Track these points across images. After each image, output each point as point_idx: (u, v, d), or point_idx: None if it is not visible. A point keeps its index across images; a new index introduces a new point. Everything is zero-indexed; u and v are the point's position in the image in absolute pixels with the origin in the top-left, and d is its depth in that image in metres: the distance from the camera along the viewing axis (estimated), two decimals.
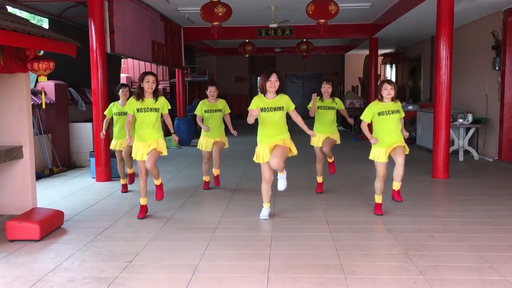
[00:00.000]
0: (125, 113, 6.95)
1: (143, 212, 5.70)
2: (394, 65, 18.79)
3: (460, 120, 10.06)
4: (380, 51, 16.45)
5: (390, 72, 19.82)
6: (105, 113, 7.18)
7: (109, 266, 4.18)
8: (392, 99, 5.46)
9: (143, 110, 5.43)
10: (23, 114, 5.59)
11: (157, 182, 5.78)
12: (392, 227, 5.25)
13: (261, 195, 5.58)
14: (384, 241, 4.80)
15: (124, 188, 7.20)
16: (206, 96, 7.11)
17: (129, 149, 6.96)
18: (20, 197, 5.62)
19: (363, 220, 5.55)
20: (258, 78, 28.65)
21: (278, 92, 5.33)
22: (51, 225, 5.18)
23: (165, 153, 5.64)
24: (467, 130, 10.19)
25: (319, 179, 6.92)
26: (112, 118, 7.10)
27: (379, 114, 5.44)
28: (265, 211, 5.60)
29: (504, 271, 3.95)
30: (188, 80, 15.88)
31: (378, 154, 5.48)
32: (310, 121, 6.13)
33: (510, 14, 9.19)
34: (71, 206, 6.29)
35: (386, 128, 5.46)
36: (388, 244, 4.71)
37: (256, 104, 5.28)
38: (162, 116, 5.71)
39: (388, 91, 5.40)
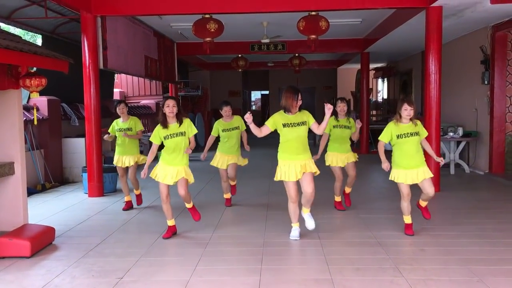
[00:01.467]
0: (125, 129, 6.90)
1: (170, 232, 5.56)
2: (385, 79, 18.97)
3: (451, 134, 10.16)
4: (372, 65, 16.61)
5: (382, 86, 20.00)
6: (109, 130, 7.14)
7: (99, 283, 4.17)
8: (411, 119, 5.38)
9: (169, 136, 5.35)
10: (15, 130, 5.59)
11: (189, 205, 5.75)
12: (383, 241, 5.27)
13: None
14: (375, 255, 4.82)
15: (127, 205, 7.02)
16: (198, 111, 7.11)
17: (133, 170, 6.99)
18: (11, 214, 5.59)
19: (354, 234, 5.58)
20: (252, 92, 28.85)
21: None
22: (42, 241, 5.16)
23: (191, 180, 5.51)
24: (458, 143, 10.29)
25: (337, 198, 6.85)
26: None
27: (398, 137, 5.33)
28: (295, 232, 5.40)
29: (493, 285, 3.98)
30: (181, 95, 15.94)
31: (398, 176, 5.37)
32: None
33: (498, 29, 9.35)
34: (62, 222, 6.28)
35: (406, 151, 5.34)
36: (379, 258, 4.73)
37: (275, 120, 5.20)
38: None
39: (408, 112, 5.30)
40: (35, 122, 7.03)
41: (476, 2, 7.64)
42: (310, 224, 5.39)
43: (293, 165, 5.17)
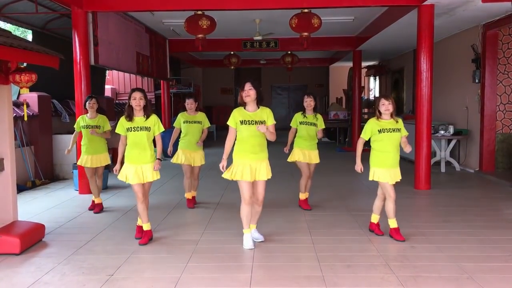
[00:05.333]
0: (93, 127, 6.64)
1: (147, 238, 5.21)
2: (377, 77, 19.03)
3: (442, 132, 10.22)
4: (364, 64, 16.66)
5: (373, 84, 20.07)
6: (74, 126, 6.84)
7: (90, 280, 4.15)
8: (392, 116, 5.17)
9: (132, 129, 5.13)
10: (5, 126, 5.53)
11: (144, 224, 5.30)
12: (374, 238, 5.29)
13: (241, 218, 5.05)
14: (365, 252, 4.83)
15: (94, 207, 6.72)
16: None
17: (90, 172, 6.66)
18: (0, 210, 5.54)
19: (345, 231, 5.59)
20: None
21: (259, 104, 4.98)
22: (32, 238, 5.13)
23: (157, 177, 5.26)
24: (449, 141, 10.35)
25: (302, 196, 6.73)
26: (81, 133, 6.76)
27: (379, 131, 5.14)
28: (248, 241, 5.00)
29: (483, 282, 4.01)
30: (173, 92, 15.89)
31: (380, 175, 5.18)
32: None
33: (489, 28, 9.40)
34: (53, 219, 6.24)
35: (386, 147, 5.15)
36: (370, 255, 4.75)
37: (235, 117, 4.91)
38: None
39: (386, 106, 5.11)
40: (25, 118, 6.97)
41: (467, 0, 7.68)
42: (247, 243, 4.99)
43: (248, 165, 4.88)
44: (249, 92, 4.88)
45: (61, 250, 4.98)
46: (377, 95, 19.48)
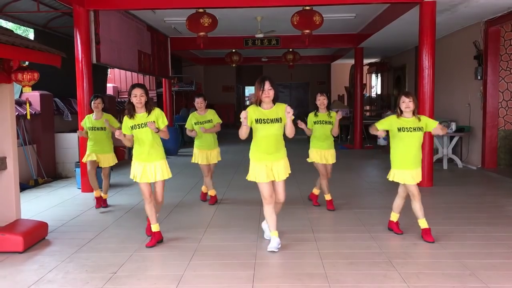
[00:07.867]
0: (99, 128, 6.56)
1: (154, 240, 5.04)
2: (379, 75, 19.01)
3: None
4: (366, 61, 16.62)
5: (375, 82, 20.04)
6: (81, 123, 6.75)
7: (93, 278, 4.16)
8: (414, 113, 5.01)
9: (136, 126, 4.92)
10: (7, 125, 5.55)
11: (154, 228, 5.09)
12: (376, 235, 5.29)
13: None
14: (368, 249, 4.84)
15: (99, 203, 6.76)
16: (192, 106, 7.05)
17: (92, 164, 6.60)
18: (3, 209, 5.56)
19: (347, 229, 5.59)
20: (245, 87, 28.84)
21: (274, 101, 4.87)
22: (35, 236, 5.14)
23: (168, 176, 5.08)
24: (451, 138, 10.33)
25: (327, 197, 6.60)
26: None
27: (399, 130, 4.97)
28: (274, 242, 4.80)
29: (485, 278, 4.01)
30: (175, 90, 15.90)
31: (399, 176, 5.06)
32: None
33: (491, 25, 9.38)
34: (56, 217, 6.25)
35: (407, 147, 4.98)
36: (372, 252, 4.75)
37: (250, 116, 4.73)
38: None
39: (406, 103, 4.94)
40: (28, 117, 6.98)
41: None
42: (272, 244, 4.78)
43: (263, 165, 4.76)
44: (268, 93, 4.77)
45: (64, 248, 5.00)
46: (379, 92, 19.46)
